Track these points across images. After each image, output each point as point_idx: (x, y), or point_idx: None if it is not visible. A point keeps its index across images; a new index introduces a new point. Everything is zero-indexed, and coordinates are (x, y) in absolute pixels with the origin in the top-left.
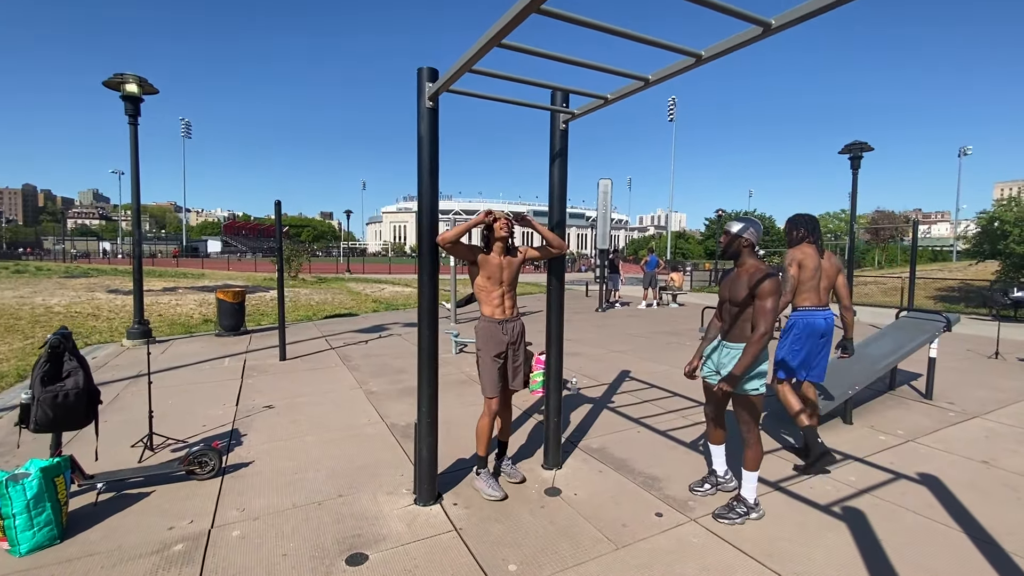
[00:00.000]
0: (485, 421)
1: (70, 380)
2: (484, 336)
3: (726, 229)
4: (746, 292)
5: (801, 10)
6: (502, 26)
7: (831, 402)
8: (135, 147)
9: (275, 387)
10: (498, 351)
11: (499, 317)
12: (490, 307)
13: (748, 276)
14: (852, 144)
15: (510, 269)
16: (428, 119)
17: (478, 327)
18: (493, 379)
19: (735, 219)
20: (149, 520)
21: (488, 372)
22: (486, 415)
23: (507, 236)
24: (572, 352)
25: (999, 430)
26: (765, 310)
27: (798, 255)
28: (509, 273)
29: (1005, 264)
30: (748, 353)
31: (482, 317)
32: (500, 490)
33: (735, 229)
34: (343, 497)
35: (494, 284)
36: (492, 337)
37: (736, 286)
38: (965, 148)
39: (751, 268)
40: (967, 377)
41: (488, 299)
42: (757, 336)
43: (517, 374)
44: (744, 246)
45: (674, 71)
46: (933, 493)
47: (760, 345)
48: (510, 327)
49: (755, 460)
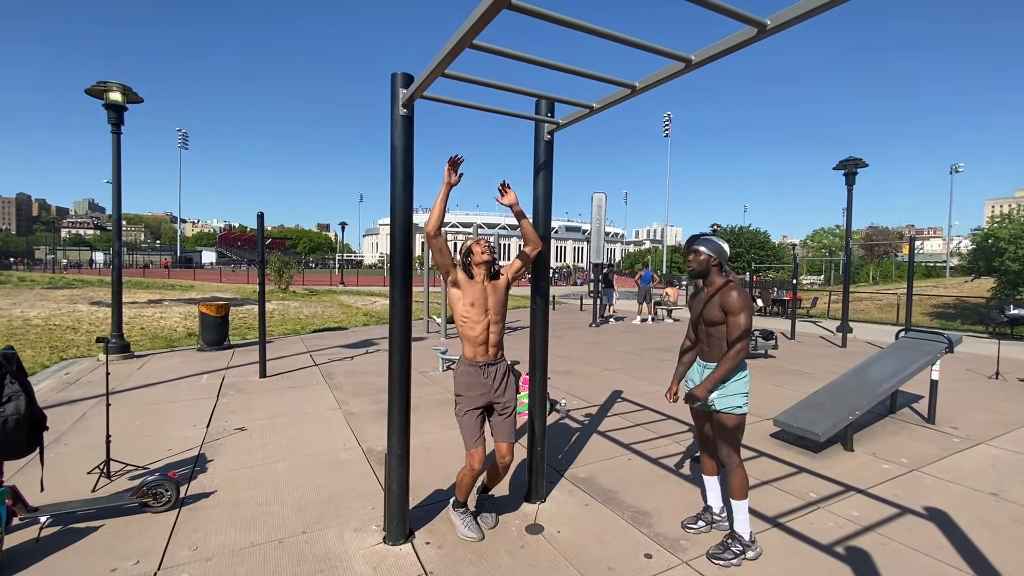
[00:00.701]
0: (467, 475)
1: (10, 405)
2: (463, 383)
3: (694, 249)
4: (718, 310)
5: (797, 9)
6: (471, 24)
7: (831, 428)
8: (117, 156)
9: (251, 407)
10: (478, 404)
11: (481, 360)
12: (472, 346)
13: (719, 294)
14: (847, 160)
15: (496, 295)
16: (402, 127)
17: (457, 371)
18: (472, 429)
19: (701, 239)
20: (92, 560)
21: (467, 422)
22: (468, 468)
23: (489, 261)
24: (563, 370)
25: (1005, 457)
26: (739, 325)
27: None
28: (496, 299)
29: (1001, 281)
30: (721, 367)
31: (461, 359)
32: (477, 530)
33: (702, 248)
34: (307, 534)
35: (479, 312)
36: (472, 384)
37: (708, 305)
38: (957, 165)
39: (719, 285)
40: (968, 399)
41: (471, 335)
42: (733, 351)
43: (505, 426)
44: (713, 264)
45: (663, 77)
46: (942, 531)
47: (735, 360)
48: (492, 371)
49: (741, 487)
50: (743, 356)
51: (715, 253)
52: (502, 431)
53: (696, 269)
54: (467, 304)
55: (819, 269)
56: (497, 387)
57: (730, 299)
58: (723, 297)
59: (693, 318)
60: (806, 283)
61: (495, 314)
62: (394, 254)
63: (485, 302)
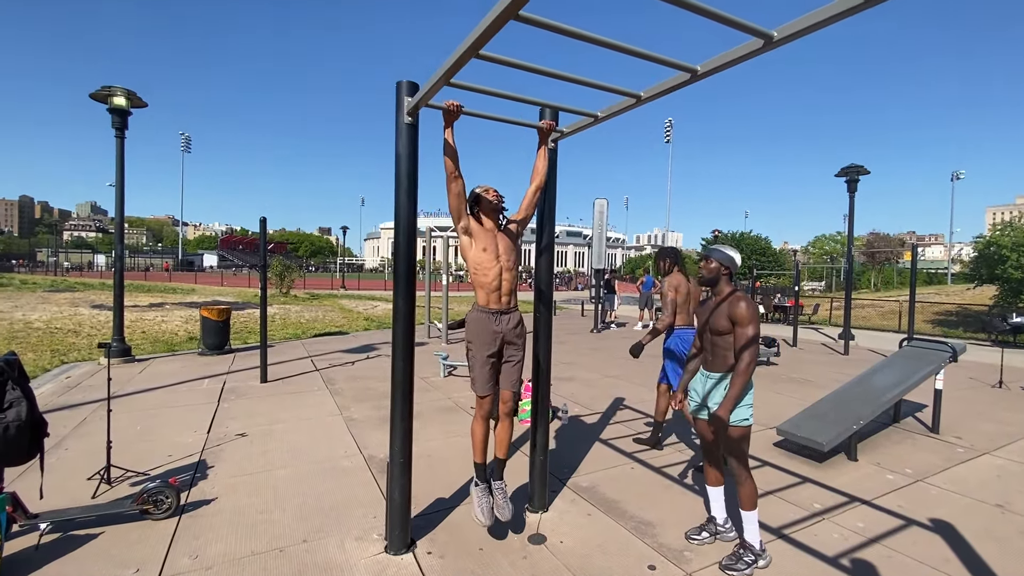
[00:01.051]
0: (478, 425)
1: (12, 411)
2: (475, 330)
3: (706, 257)
4: (725, 320)
5: (804, 22)
6: (478, 34)
7: (835, 438)
8: (121, 160)
9: (252, 412)
10: (491, 350)
11: (494, 307)
12: (485, 293)
13: (727, 304)
14: (848, 167)
15: (507, 241)
16: (407, 135)
17: (469, 317)
18: (485, 376)
19: (715, 247)
20: (92, 568)
21: (479, 369)
22: (479, 418)
23: (498, 205)
24: (565, 377)
25: (1010, 468)
26: (748, 337)
27: (674, 281)
28: (506, 245)
29: (1003, 289)
30: (735, 385)
31: (475, 307)
32: (488, 517)
33: (713, 256)
34: (308, 543)
35: (491, 258)
36: (484, 331)
37: (715, 314)
38: (958, 172)
39: (727, 295)
40: (972, 408)
41: (484, 281)
42: (743, 366)
43: (511, 374)
44: (723, 273)
45: (668, 87)
46: (948, 544)
47: (747, 375)
48: (505, 319)
49: (750, 498)
50: (753, 368)
51: (725, 262)
52: (507, 378)
53: (706, 277)
54: (479, 250)
55: (820, 275)
56: (508, 334)
57: (738, 309)
58: (731, 307)
59: (699, 326)
60: (807, 289)
61: (507, 260)
62: (398, 261)
63: (497, 248)
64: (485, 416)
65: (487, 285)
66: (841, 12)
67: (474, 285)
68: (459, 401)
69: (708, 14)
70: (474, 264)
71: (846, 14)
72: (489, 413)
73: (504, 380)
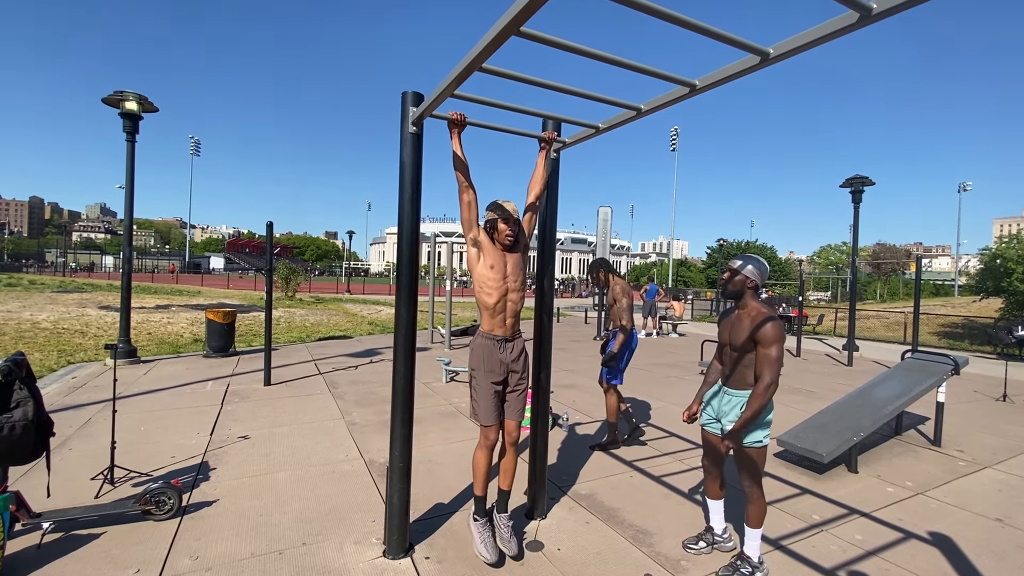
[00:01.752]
0: (481, 455)
1: (18, 411)
2: (481, 357)
3: (730, 266)
4: (747, 337)
5: (798, 40)
6: (480, 49)
7: (836, 450)
8: (131, 164)
9: (255, 415)
10: (496, 378)
11: (499, 333)
12: (489, 315)
13: (750, 320)
14: (853, 178)
15: (514, 260)
16: (412, 144)
17: (473, 344)
18: (489, 406)
19: (739, 256)
20: (93, 568)
21: (484, 398)
22: (482, 447)
23: (509, 244)
24: (567, 384)
25: (1011, 482)
26: (771, 359)
27: (623, 286)
28: (514, 264)
29: (1009, 302)
30: (752, 407)
31: (480, 332)
32: (493, 552)
33: (739, 266)
34: (307, 546)
35: (498, 277)
36: (490, 359)
37: (737, 329)
38: (965, 184)
39: (753, 311)
40: (975, 421)
41: (488, 302)
42: (762, 388)
43: (516, 404)
44: (748, 287)
45: (667, 101)
46: (947, 557)
47: (765, 398)
48: (510, 347)
49: (758, 517)
50: (774, 391)
51: (752, 275)
52: (512, 409)
53: (730, 290)
54: (487, 266)
55: (826, 286)
56: (513, 364)
57: (765, 330)
58: (756, 325)
59: (721, 341)
60: (813, 300)
61: (514, 280)
62: (400, 267)
63: (505, 267)
64: (489, 447)
65: (491, 307)
66: (833, 32)
67: (479, 304)
68: (460, 407)
69: (707, 32)
70: (480, 280)
71: (838, 34)
72: (494, 444)
73: (509, 410)
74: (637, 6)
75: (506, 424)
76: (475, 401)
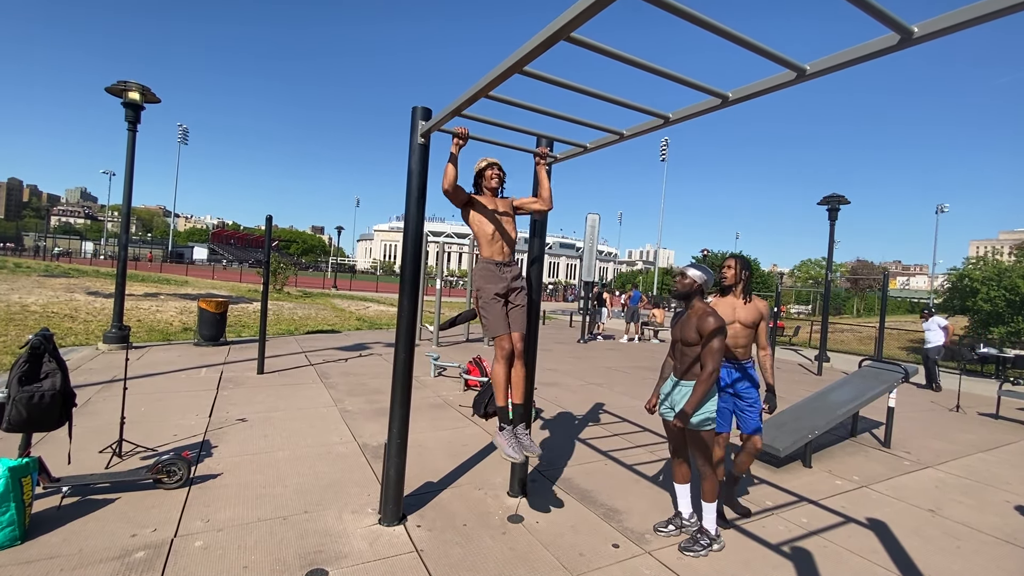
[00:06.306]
0: (499, 368)
1: (47, 381)
2: (483, 276)
3: (680, 271)
4: (694, 333)
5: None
6: (488, 82)
7: (792, 445)
8: (131, 153)
9: (250, 400)
10: (498, 291)
11: (498, 258)
12: (488, 247)
13: (696, 318)
14: (830, 196)
15: (505, 205)
16: (419, 154)
17: (476, 269)
18: (498, 317)
19: (689, 264)
20: (112, 526)
21: (492, 310)
22: (499, 360)
23: (497, 187)
24: (549, 382)
25: (949, 481)
26: (712, 349)
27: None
28: (505, 206)
29: (974, 320)
30: (697, 391)
31: (480, 260)
32: (520, 453)
33: (688, 272)
34: (308, 513)
35: (491, 216)
36: (492, 276)
37: (686, 327)
38: (942, 206)
39: (699, 311)
40: (927, 428)
41: (487, 230)
42: (705, 374)
43: (518, 317)
44: (695, 290)
45: (644, 129)
46: (879, 538)
47: (709, 383)
48: (508, 270)
49: (712, 492)
50: (715, 377)
51: (698, 279)
52: (515, 322)
53: (680, 291)
54: (480, 214)
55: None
56: (512, 282)
57: (706, 324)
58: (700, 321)
59: (673, 339)
60: (794, 312)
61: (506, 221)
62: (405, 264)
63: (496, 213)
64: (506, 356)
65: (490, 235)
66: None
67: (478, 239)
68: (448, 399)
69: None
70: (477, 223)
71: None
72: (509, 352)
73: (513, 324)
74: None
75: (512, 336)
76: (485, 319)
